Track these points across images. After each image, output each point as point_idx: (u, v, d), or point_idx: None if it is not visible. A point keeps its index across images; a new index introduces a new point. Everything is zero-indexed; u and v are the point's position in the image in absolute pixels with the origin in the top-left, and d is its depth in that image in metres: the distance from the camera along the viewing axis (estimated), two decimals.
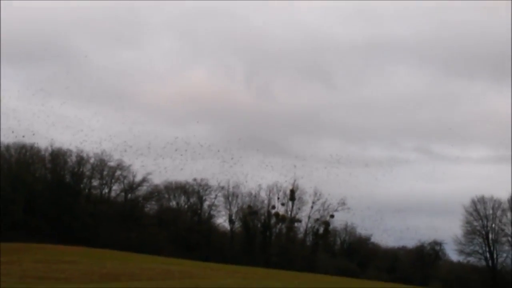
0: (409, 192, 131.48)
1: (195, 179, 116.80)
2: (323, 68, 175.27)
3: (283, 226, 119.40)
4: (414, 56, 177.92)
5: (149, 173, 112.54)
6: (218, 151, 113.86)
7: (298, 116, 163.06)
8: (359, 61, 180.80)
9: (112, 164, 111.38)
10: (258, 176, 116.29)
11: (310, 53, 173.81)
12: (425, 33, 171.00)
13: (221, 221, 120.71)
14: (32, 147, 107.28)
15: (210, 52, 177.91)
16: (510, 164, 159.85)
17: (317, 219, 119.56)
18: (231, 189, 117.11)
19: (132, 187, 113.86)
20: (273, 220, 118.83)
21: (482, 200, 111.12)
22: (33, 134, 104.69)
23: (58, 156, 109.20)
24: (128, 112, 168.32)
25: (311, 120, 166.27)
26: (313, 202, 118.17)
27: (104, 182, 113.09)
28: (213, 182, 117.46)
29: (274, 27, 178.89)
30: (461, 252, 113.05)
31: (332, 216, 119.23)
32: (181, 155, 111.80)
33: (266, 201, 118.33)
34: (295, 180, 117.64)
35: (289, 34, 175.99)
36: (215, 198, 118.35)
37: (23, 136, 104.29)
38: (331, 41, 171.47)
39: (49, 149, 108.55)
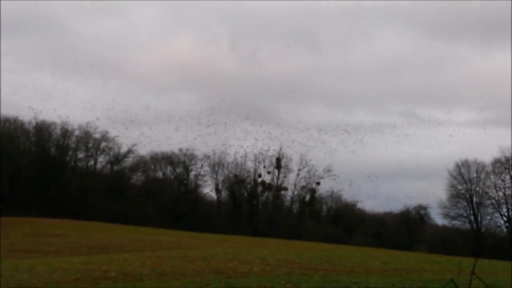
0: (395, 157, 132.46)
1: (180, 149, 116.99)
2: (309, 34, 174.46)
3: (270, 194, 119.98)
4: (399, 19, 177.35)
5: (134, 144, 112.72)
6: (201, 122, 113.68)
7: (284, 82, 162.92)
8: (344, 26, 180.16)
9: (97, 135, 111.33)
10: (244, 144, 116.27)
11: (295, 19, 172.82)
12: None
13: (208, 190, 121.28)
14: (15, 120, 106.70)
15: (194, 20, 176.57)
16: (495, 127, 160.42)
17: (303, 187, 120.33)
18: (217, 158, 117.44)
19: (117, 158, 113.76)
20: (259, 189, 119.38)
21: (466, 164, 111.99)
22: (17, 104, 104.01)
23: (42, 129, 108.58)
24: (112, 82, 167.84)
25: (297, 87, 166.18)
26: (299, 170, 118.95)
27: (90, 154, 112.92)
28: (199, 152, 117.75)
29: None
30: (446, 215, 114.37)
31: (318, 183, 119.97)
32: (167, 123, 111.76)
33: (252, 170, 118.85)
34: (281, 148, 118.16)
35: (273, 1, 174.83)
36: (201, 167, 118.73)
37: (12, 106, 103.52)
38: (316, 6, 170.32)
39: (33, 122, 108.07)
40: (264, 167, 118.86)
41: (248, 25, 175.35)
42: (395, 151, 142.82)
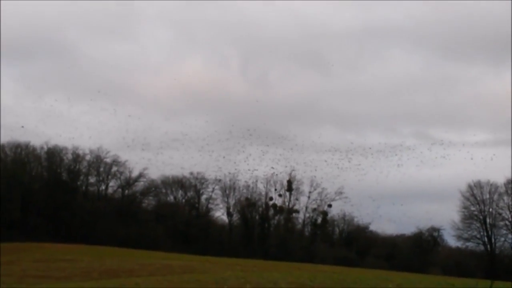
0: (407, 179, 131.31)
1: (191, 173, 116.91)
2: (319, 56, 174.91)
3: (281, 217, 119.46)
4: (410, 40, 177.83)
5: (145, 168, 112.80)
6: (212, 145, 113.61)
7: (295, 104, 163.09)
8: (354, 47, 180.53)
9: (108, 160, 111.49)
10: (255, 167, 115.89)
11: (305, 41, 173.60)
12: (420, 16, 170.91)
13: (219, 214, 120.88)
14: (27, 145, 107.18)
15: (204, 43, 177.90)
16: (507, 148, 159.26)
17: (315, 209, 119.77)
18: (228, 182, 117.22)
19: (129, 182, 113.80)
20: (271, 212, 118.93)
21: (478, 185, 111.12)
22: (22, 127, 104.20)
23: (54, 154, 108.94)
24: (123, 105, 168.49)
25: (308, 109, 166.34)
26: (310, 192, 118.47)
27: (101, 178, 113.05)
28: (210, 175, 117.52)
29: (268, 15, 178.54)
30: (459, 237, 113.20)
31: (329, 205, 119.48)
32: (178, 148, 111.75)
33: (263, 193, 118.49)
34: (292, 171, 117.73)
35: (283, 22, 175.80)
36: (212, 191, 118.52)
37: (24, 132, 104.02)
38: (325, 28, 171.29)
39: (45, 147, 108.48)
40: (276, 190, 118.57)
41: (258, 47, 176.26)
42: (406, 172, 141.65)
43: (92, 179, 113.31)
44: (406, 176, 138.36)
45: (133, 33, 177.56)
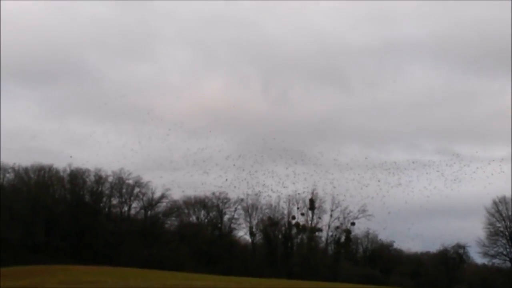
0: (431, 195, 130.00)
1: (213, 193, 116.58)
2: (339, 73, 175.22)
3: (304, 236, 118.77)
4: (430, 55, 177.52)
5: (167, 189, 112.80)
6: (234, 165, 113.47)
7: (316, 122, 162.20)
8: (374, 63, 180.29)
9: (130, 181, 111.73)
10: (277, 186, 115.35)
11: (325, 58, 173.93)
12: (439, 31, 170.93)
13: (242, 233, 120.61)
14: (50, 168, 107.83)
15: (224, 62, 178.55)
16: None
17: (337, 227, 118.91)
18: (250, 201, 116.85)
19: (151, 203, 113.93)
20: (293, 231, 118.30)
21: (503, 201, 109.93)
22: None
23: (76, 176, 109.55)
24: (145, 126, 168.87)
25: (329, 126, 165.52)
26: (332, 210, 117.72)
27: (123, 200, 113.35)
28: (232, 195, 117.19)
29: (287, 33, 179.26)
30: (485, 254, 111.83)
31: (353, 223, 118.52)
32: (200, 167, 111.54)
33: (286, 212, 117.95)
34: (314, 189, 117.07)
35: (303, 40, 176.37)
36: (234, 211, 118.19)
37: (47, 154, 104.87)
38: (345, 45, 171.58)
39: (68, 169, 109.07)
40: (298, 208, 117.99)
41: (277, 66, 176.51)
42: (430, 188, 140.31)
43: (114, 201, 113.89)
44: (430, 192, 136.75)
45: (153, 54, 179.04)
